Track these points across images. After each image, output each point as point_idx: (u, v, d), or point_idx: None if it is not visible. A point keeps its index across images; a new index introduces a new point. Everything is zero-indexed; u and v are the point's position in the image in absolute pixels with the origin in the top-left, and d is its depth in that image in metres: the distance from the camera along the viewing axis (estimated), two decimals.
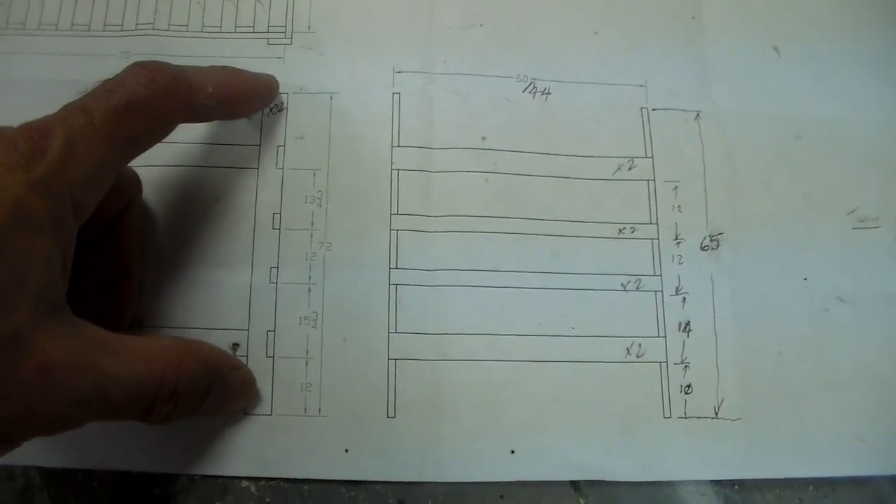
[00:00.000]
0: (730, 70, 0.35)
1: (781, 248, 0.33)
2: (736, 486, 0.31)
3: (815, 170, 0.34)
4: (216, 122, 0.31)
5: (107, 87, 0.23)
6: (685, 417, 0.31)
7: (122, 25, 0.33)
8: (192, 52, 0.32)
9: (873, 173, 0.34)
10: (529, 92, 0.33)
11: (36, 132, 0.20)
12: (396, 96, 0.32)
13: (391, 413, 0.29)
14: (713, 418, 0.31)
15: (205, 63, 0.27)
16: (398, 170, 0.31)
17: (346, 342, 0.29)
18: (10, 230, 0.19)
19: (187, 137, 0.31)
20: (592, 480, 0.30)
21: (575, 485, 0.30)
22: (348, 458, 0.28)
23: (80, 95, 0.22)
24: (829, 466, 0.31)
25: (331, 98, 0.32)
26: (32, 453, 0.27)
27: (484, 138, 0.32)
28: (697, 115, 0.34)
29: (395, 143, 0.31)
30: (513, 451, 0.29)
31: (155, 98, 0.23)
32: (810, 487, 0.32)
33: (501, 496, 0.29)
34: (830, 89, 0.35)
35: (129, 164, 0.25)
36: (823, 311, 0.33)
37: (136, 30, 0.33)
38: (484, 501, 0.29)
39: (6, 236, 0.18)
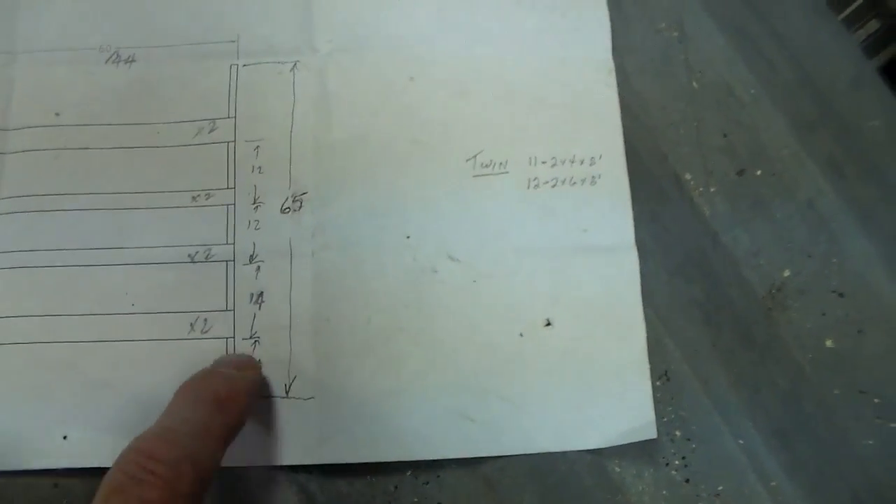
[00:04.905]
0: (338, 11, 0.33)
1: (380, 205, 0.31)
2: (313, 472, 0.29)
3: (431, 113, 0.32)
4: None
5: None
6: None
7: None
8: None
9: (502, 113, 0.32)
10: (113, 62, 0.33)
11: None
12: None
13: None
14: (283, 398, 0.29)
15: None
16: None
17: None
18: None
19: None
20: None
21: None
22: None
23: None
24: (430, 448, 0.29)
25: None
26: None
27: (58, 114, 0.32)
28: (294, 65, 0.32)
29: None
30: (66, 437, 0.29)
31: None
32: (408, 472, 0.30)
33: (56, 485, 0.30)
34: (457, 23, 0.32)
35: None
36: (431, 273, 0.30)
37: None
38: (38, 491, 0.30)
39: None
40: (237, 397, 0.26)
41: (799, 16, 0.34)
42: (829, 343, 0.31)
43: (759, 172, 0.32)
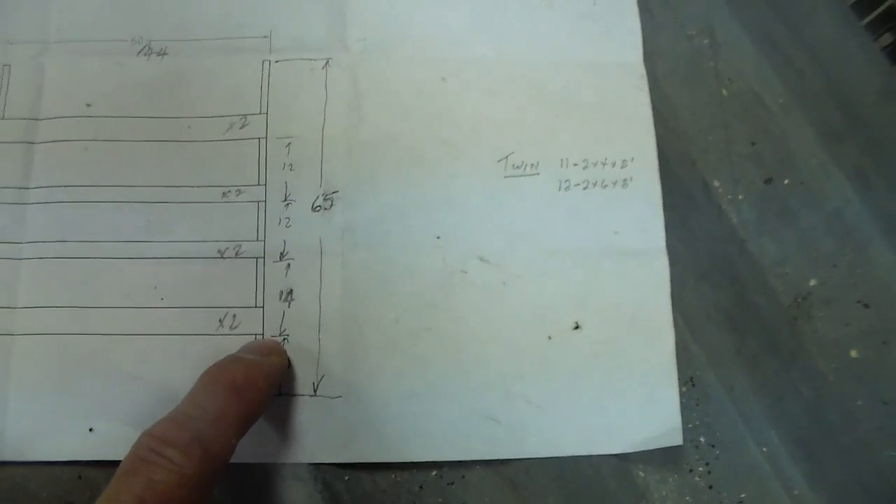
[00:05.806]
0: (371, 9, 0.33)
1: (410, 205, 0.31)
2: (338, 471, 0.30)
3: (462, 113, 0.32)
4: None
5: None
6: (278, 394, 0.30)
7: None
8: None
9: (534, 115, 0.32)
10: (144, 54, 0.33)
11: None
12: (6, 69, 0.33)
13: None
14: (311, 396, 0.30)
15: None
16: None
17: None
18: None
19: None
20: None
21: None
22: None
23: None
24: (455, 449, 0.29)
25: None
26: None
27: (89, 105, 0.32)
28: (326, 62, 0.32)
29: (0, 117, 0.33)
30: (91, 430, 0.30)
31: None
32: (433, 472, 0.30)
33: (80, 476, 0.30)
34: (490, 24, 0.33)
35: None
36: (460, 274, 0.30)
37: None
38: (62, 483, 0.30)
39: None
40: (255, 383, 0.26)
41: (827, 25, 0.34)
42: (853, 353, 0.31)
43: (786, 181, 0.33)
